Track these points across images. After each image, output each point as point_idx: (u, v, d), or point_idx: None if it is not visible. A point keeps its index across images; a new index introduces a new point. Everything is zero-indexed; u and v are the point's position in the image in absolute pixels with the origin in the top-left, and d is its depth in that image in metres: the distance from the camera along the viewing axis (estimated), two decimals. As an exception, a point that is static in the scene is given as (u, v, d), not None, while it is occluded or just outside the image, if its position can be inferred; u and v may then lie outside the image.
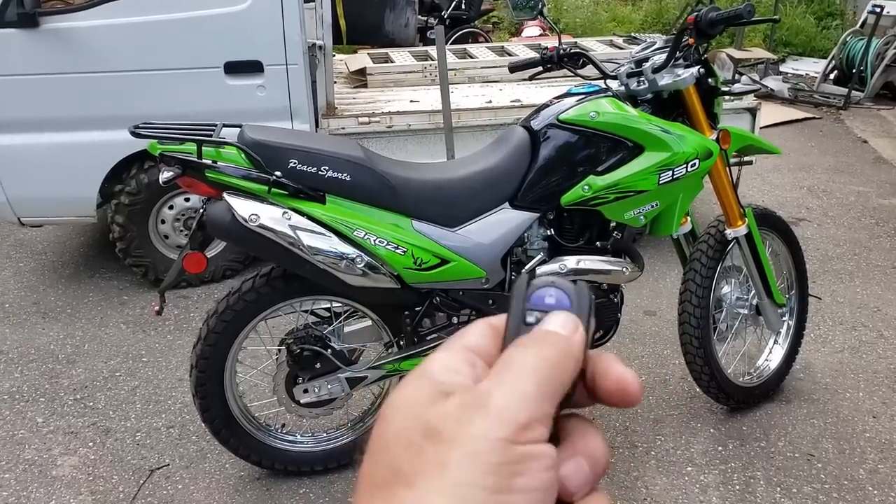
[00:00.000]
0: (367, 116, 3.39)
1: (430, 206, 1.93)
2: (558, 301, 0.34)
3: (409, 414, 0.31)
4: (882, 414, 2.47)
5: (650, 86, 2.11)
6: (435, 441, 0.29)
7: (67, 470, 2.26)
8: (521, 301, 0.35)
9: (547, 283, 0.35)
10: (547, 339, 0.32)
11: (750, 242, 2.34)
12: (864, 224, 4.07)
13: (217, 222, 1.81)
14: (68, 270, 3.63)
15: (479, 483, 0.28)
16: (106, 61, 3.06)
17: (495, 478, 0.28)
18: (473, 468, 0.28)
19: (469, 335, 0.35)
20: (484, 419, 0.29)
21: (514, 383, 0.30)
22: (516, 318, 0.34)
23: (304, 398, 2.06)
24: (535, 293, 0.34)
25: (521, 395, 0.30)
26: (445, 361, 0.33)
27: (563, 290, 0.35)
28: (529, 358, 0.31)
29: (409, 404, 0.31)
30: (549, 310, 0.34)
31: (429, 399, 0.31)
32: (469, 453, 0.28)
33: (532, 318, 0.34)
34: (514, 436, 0.29)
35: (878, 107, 6.37)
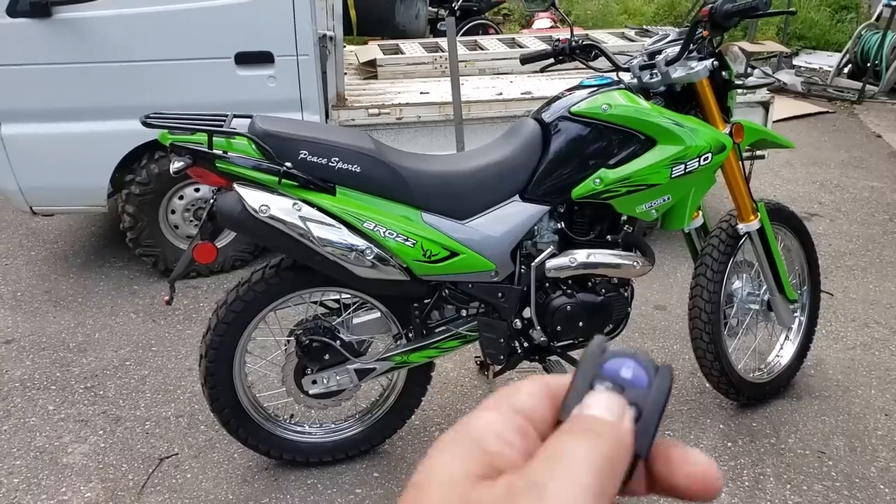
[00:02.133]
0: (378, 108, 3.38)
1: (439, 199, 1.92)
2: (635, 377, 0.30)
3: (452, 491, 0.27)
4: (894, 412, 2.45)
5: (663, 78, 2.09)
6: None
7: (78, 458, 2.28)
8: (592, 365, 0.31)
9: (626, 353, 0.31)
10: (596, 427, 0.28)
11: (762, 237, 2.32)
12: (878, 220, 4.03)
13: (227, 213, 1.81)
14: (79, 260, 3.65)
15: None
16: (117, 51, 3.06)
17: None
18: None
19: (521, 395, 0.31)
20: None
21: (572, 477, 0.27)
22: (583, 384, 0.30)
23: (313, 389, 2.07)
24: (610, 361, 0.31)
25: (582, 492, 0.26)
26: (496, 427, 0.29)
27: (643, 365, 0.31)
28: (583, 450, 0.28)
29: (452, 478, 0.27)
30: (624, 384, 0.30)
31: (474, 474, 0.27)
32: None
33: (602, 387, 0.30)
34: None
35: (893, 101, 6.30)
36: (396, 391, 2.20)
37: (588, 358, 0.31)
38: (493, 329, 2.04)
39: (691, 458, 0.31)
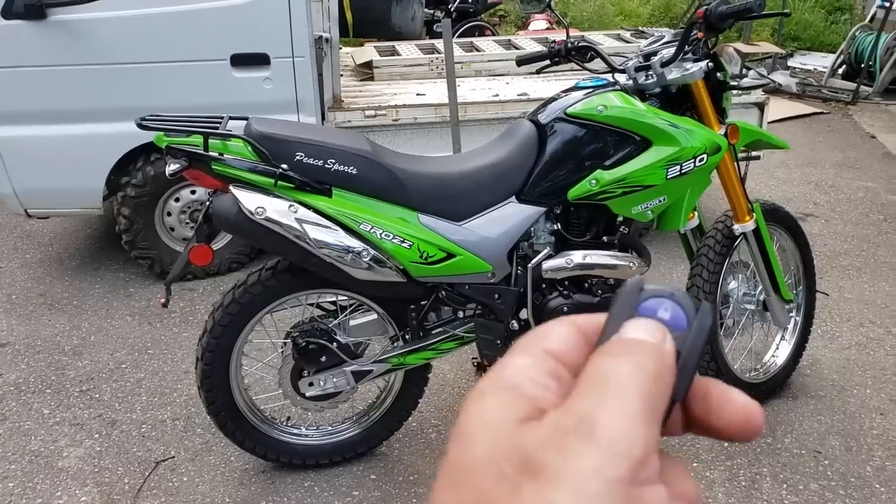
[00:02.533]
0: (374, 109, 3.38)
1: (436, 200, 1.92)
2: (674, 317, 0.29)
3: (498, 436, 0.26)
4: (890, 411, 2.46)
5: (658, 80, 2.10)
6: (535, 476, 0.25)
7: (73, 461, 2.27)
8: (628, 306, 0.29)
9: (665, 292, 0.29)
10: (637, 348, 0.28)
11: (757, 238, 2.32)
12: (873, 220, 4.04)
13: (223, 215, 1.81)
14: (74, 262, 3.64)
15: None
16: (113, 53, 3.06)
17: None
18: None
19: (552, 337, 0.30)
20: (596, 454, 0.25)
21: (621, 405, 0.26)
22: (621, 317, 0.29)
23: (310, 391, 2.06)
24: (648, 301, 0.29)
25: (632, 421, 0.25)
26: (530, 372, 0.28)
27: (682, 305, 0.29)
28: (627, 370, 0.27)
29: (497, 423, 0.27)
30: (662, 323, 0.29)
31: (519, 418, 0.27)
32: (582, 496, 0.24)
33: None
34: (632, 475, 0.25)
35: (887, 102, 6.33)
36: (393, 393, 2.20)
37: (624, 297, 0.30)
38: (489, 330, 2.04)
39: (733, 397, 0.30)
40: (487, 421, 0.27)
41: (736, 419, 0.30)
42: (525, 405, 0.27)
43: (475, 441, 0.27)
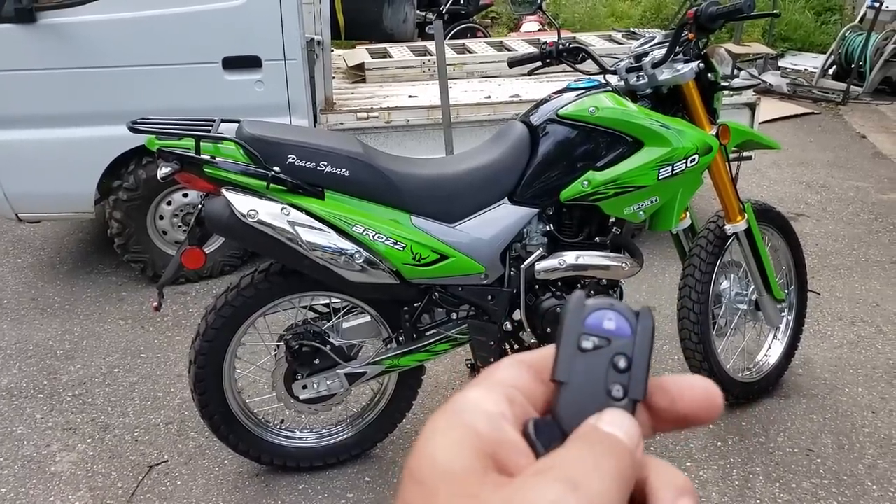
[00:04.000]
0: (366, 112, 3.38)
1: (428, 202, 1.92)
2: (619, 328, 0.31)
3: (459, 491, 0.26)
4: (881, 409, 2.47)
5: (650, 81, 2.11)
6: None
7: (66, 466, 2.26)
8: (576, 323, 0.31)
9: (605, 304, 0.31)
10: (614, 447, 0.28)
11: (749, 238, 2.33)
12: (863, 219, 4.07)
13: (215, 218, 1.81)
14: (66, 266, 3.62)
15: None
16: (103, 56, 3.05)
17: None
18: None
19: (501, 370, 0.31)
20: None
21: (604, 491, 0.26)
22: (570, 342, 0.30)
23: (303, 394, 2.06)
24: (592, 315, 0.31)
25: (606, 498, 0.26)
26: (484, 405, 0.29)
27: (623, 314, 0.31)
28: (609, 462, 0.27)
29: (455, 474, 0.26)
30: (609, 335, 0.30)
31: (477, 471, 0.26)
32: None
33: (588, 344, 0.30)
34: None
35: (877, 102, 6.37)
36: (387, 395, 2.20)
37: (570, 316, 0.31)
38: (483, 332, 2.04)
39: (689, 382, 0.31)
40: (445, 467, 0.27)
41: (698, 399, 0.31)
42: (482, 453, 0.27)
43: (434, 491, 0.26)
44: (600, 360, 0.30)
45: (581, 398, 0.30)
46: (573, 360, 0.30)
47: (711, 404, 0.31)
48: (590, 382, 0.30)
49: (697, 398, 0.31)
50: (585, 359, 0.30)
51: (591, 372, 0.30)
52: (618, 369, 0.30)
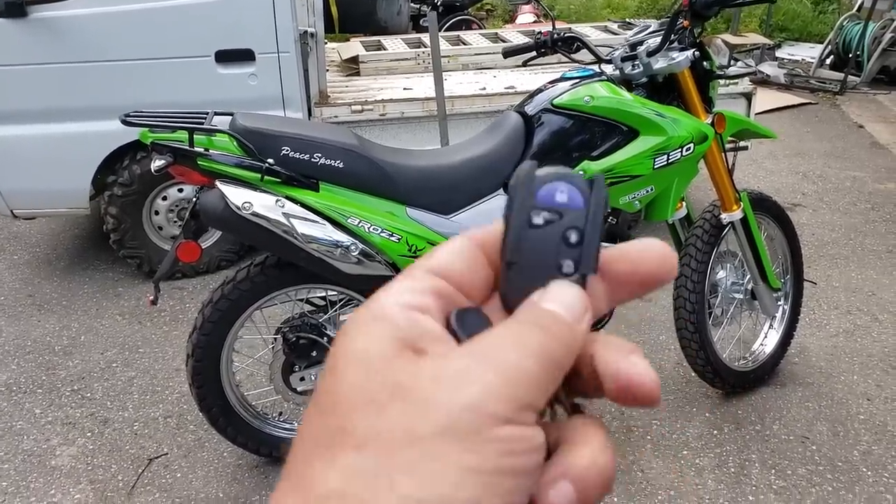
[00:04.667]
0: (360, 104, 3.37)
1: (424, 193, 1.92)
2: (571, 199, 0.29)
3: (371, 369, 0.25)
4: (876, 396, 2.48)
5: (645, 69, 2.10)
6: (403, 401, 0.24)
7: (66, 460, 2.27)
8: (526, 197, 0.29)
9: (557, 175, 0.29)
10: (550, 326, 0.27)
11: (745, 227, 2.33)
12: (860, 209, 4.07)
13: (210, 211, 1.81)
14: (63, 263, 3.62)
15: (456, 461, 0.23)
16: (96, 51, 3.03)
17: (478, 458, 0.23)
18: (452, 442, 0.23)
19: (440, 254, 0.30)
20: (473, 390, 0.24)
21: (514, 359, 0.25)
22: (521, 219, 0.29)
23: (301, 386, 2.06)
24: (544, 188, 0.29)
25: (518, 373, 0.25)
26: (404, 297, 0.27)
27: (576, 185, 0.29)
28: (533, 338, 0.26)
29: (368, 358, 0.26)
30: (561, 209, 0.29)
31: (392, 354, 0.26)
32: (448, 424, 0.23)
33: (539, 220, 0.29)
34: (508, 414, 0.24)
35: (875, 92, 6.37)
36: (384, 387, 2.20)
37: (520, 188, 0.29)
38: (479, 322, 2.04)
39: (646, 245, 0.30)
40: (358, 356, 0.26)
41: (657, 259, 0.30)
42: (398, 340, 0.26)
43: (345, 375, 0.26)
44: (551, 236, 0.29)
45: (529, 276, 0.29)
46: (523, 237, 0.29)
47: (669, 263, 0.30)
48: (539, 259, 0.29)
49: (656, 258, 0.30)
50: (536, 235, 0.29)
51: (541, 248, 0.29)
52: (569, 244, 0.29)
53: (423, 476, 0.23)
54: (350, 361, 0.26)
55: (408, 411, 0.24)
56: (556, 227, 0.29)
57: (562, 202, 0.29)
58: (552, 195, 0.29)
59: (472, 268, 0.30)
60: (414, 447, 0.23)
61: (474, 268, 0.30)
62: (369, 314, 0.27)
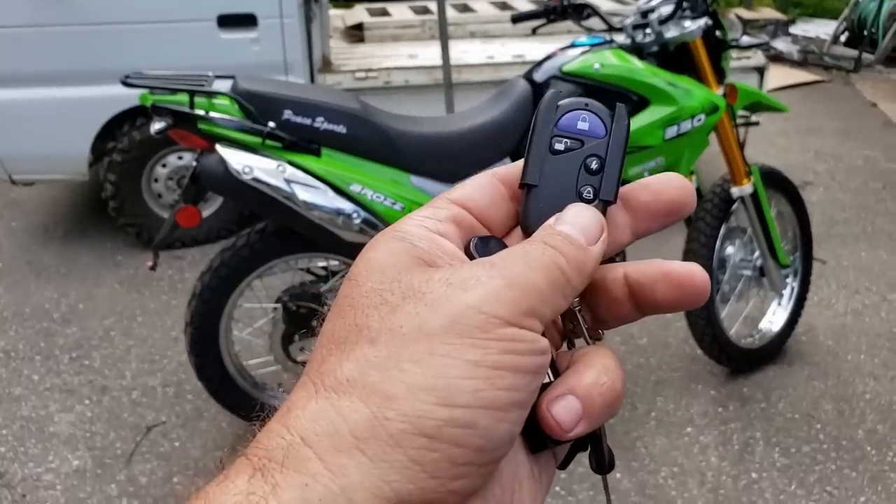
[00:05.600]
0: (365, 72, 3.30)
1: (429, 161, 1.87)
2: (592, 127, 0.30)
3: (387, 275, 0.27)
4: (883, 376, 2.45)
5: (656, 38, 2.05)
6: (416, 301, 0.26)
7: (65, 426, 2.25)
8: (548, 123, 0.30)
9: (579, 104, 0.30)
10: (563, 246, 0.28)
11: (755, 202, 2.29)
12: (871, 188, 4.01)
13: (210, 175, 1.77)
14: (61, 230, 3.58)
15: (461, 355, 0.25)
16: (96, 13, 2.97)
17: (482, 352, 0.25)
18: (457, 339, 0.25)
19: (464, 188, 0.31)
20: (483, 290, 0.26)
21: (522, 273, 0.26)
22: (541, 144, 0.29)
23: (301, 356, 2.04)
24: (566, 115, 0.30)
25: (527, 284, 0.26)
26: (425, 223, 0.29)
27: (599, 113, 0.30)
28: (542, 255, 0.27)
29: (386, 267, 0.27)
30: (582, 136, 0.29)
31: (409, 265, 0.27)
32: (455, 321, 0.25)
33: (561, 146, 0.29)
34: (513, 317, 0.25)
35: (889, 70, 6.25)
36: (386, 358, 2.18)
37: (542, 117, 0.30)
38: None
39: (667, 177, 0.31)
40: (376, 265, 0.27)
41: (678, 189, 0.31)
42: (416, 256, 0.27)
43: (362, 281, 0.27)
44: (573, 162, 0.29)
45: (550, 201, 0.29)
46: (544, 162, 0.29)
47: (688, 192, 0.31)
48: (560, 185, 0.29)
49: (676, 187, 0.31)
50: (557, 161, 0.29)
51: (562, 174, 0.29)
52: (590, 171, 0.29)
53: (430, 366, 0.24)
54: (369, 269, 0.27)
55: (419, 310, 0.25)
56: (578, 154, 0.29)
57: (583, 129, 0.29)
58: (574, 122, 0.30)
59: (495, 202, 0.31)
60: (423, 341, 0.25)
61: (497, 202, 0.31)
62: (391, 232, 0.29)
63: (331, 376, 0.25)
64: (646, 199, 0.31)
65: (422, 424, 0.24)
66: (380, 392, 0.24)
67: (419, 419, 0.24)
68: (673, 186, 0.31)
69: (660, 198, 0.31)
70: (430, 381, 0.24)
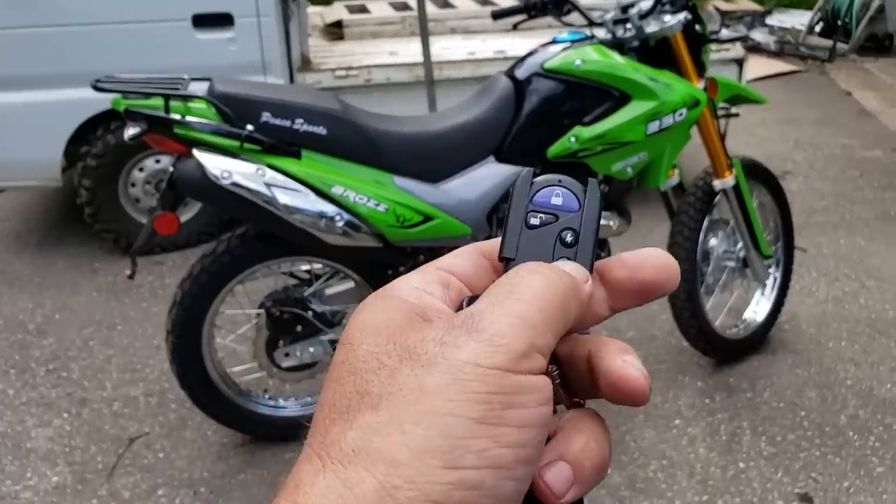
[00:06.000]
0: (345, 70, 3.27)
1: (411, 161, 1.85)
2: (566, 202, 0.31)
3: (381, 337, 0.27)
4: (863, 362, 2.49)
5: (637, 33, 2.04)
6: (412, 363, 0.25)
7: (42, 442, 2.20)
8: (523, 199, 0.31)
9: (553, 181, 0.31)
10: (555, 271, 0.28)
11: (737, 194, 2.30)
12: (849, 176, 4.06)
13: (188, 180, 1.73)
14: (35, 238, 3.50)
15: (464, 413, 0.24)
16: (68, 14, 2.90)
17: (484, 408, 0.24)
18: (459, 396, 0.24)
19: (446, 257, 0.32)
20: (475, 344, 0.25)
21: (514, 306, 0.26)
22: (517, 219, 0.31)
23: (286, 362, 2.01)
24: (541, 191, 0.31)
25: (521, 320, 0.26)
26: (413, 281, 0.29)
27: (571, 189, 0.31)
28: (535, 282, 0.27)
29: (379, 327, 0.27)
30: (557, 211, 0.30)
31: (402, 323, 0.27)
32: (454, 379, 0.25)
33: (536, 220, 0.30)
34: (510, 364, 0.25)
35: (863, 59, 6.33)
36: (372, 361, 2.15)
37: (517, 193, 0.31)
38: (469, 294, 1.99)
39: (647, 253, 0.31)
40: (370, 327, 0.27)
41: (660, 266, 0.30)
42: (408, 311, 0.28)
43: (359, 343, 0.27)
44: (547, 236, 0.30)
45: None
46: (520, 236, 0.30)
47: (670, 272, 0.30)
48: (537, 257, 0.30)
49: (654, 267, 0.30)
50: (533, 235, 0.30)
51: (539, 247, 0.30)
52: (565, 244, 0.30)
53: (433, 426, 0.24)
54: (363, 332, 0.27)
55: (416, 371, 0.25)
56: (553, 228, 0.30)
57: (557, 204, 0.31)
58: (548, 198, 0.31)
59: (478, 271, 0.31)
60: (424, 402, 0.24)
61: (480, 272, 0.31)
62: (381, 293, 0.29)
63: (336, 447, 0.25)
64: (620, 277, 0.31)
65: (429, 490, 0.23)
66: (385, 459, 0.24)
67: (426, 485, 0.23)
68: (650, 265, 0.30)
69: (635, 276, 0.30)
70: (434, 443, 0.24)
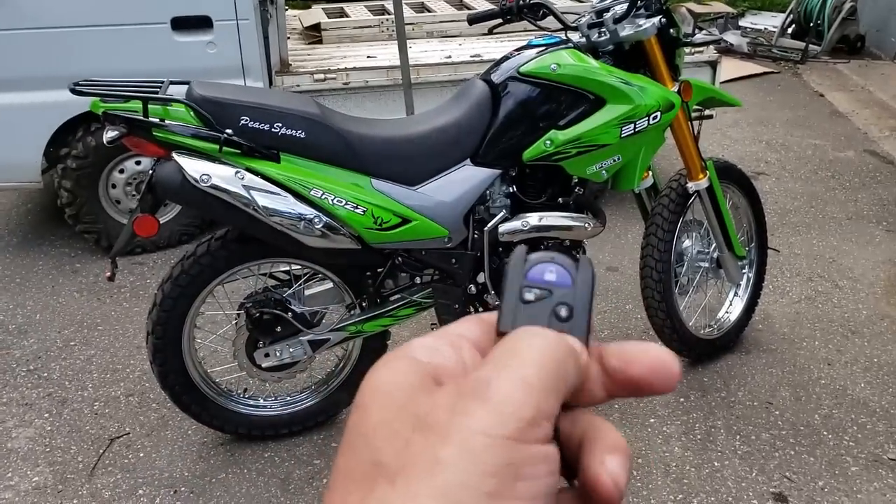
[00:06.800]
0: (323, 73, 3.28)
1: (389, 164, 1.88)
2: (559, 278, 0.32)
3: (394, 403, 0.27)
4: (836, 361, 2.54)
5: (611, 37, 2.07)
6: (425, 433, 0.26)
7: (23, 442, 2.20)
8: (518, 276, 0.32)
9: (546, 258, 0.33)
10: (554, 335, 0.29)
11: (711, 196, 2.34)
12: (821, 177, 4.14)
13: (167, 184, 1.74)
14: (15, 239, 3.48)
15: (476, 485, 0.25)
16: (46, 17, 2.88)
17: (496, 480, 0.25)
18: (471, 468, 0.25)
19: (454, 324, 0.33)
20: (485, 412, 0.26)
21: (519, 372, 0.27)
22: (513, 294, 0.32)
23: (266, 362, 2.03)
24: (534, 268, 0.32)
25: (526, 386, 0.27)
26: (426, 343, 0.30)
27: (564, 266, 0.32)
28: (536, 343, 0.28)
29: (392, 391, 0.28)
30: (550, 287, 0.32)
31: (415, 386, 0.28)
32: (466, 451, 0.25)
33: (531, 296, 0.31)
34: (519, 434, 0.26)
35: (835, 61, 6.45)
36: (352, 361, 2.18)
37: (512, 270, 0.32)
38: (447, 295, 2.02)
39: (644, 347, 0.31)
40: (384, 389, 0.28)
41: (653, 365, 0.30)
42: (420, 373, 0.28)
43: (372, 408, 0.28)
44: (543, 310, 0.31)
45: None
46: (516, 311, 0.31)
47: (666, 373, 0.30)
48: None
49: (650, 364, 0.30)
50: (528, 310, 0.31)
51: (534, 321, 0.31)
52: (560, 318, 0.31)
53: (449, 500, 0.24)
54: (376, 396, 0.28)
55: (430, 440, 0.26)
56: (547, 303, 0.31)
57: (550, 280, 0.32)
58: (542, 274, 0.32)
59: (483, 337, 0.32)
60: (439, 475, 0.25)
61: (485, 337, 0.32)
62: (394, 354, 0.30)
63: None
64: (614, 365, 0.31)
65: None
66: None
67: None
68: (643, 363, 0.30)
69: (627, 369, 0.30)
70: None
